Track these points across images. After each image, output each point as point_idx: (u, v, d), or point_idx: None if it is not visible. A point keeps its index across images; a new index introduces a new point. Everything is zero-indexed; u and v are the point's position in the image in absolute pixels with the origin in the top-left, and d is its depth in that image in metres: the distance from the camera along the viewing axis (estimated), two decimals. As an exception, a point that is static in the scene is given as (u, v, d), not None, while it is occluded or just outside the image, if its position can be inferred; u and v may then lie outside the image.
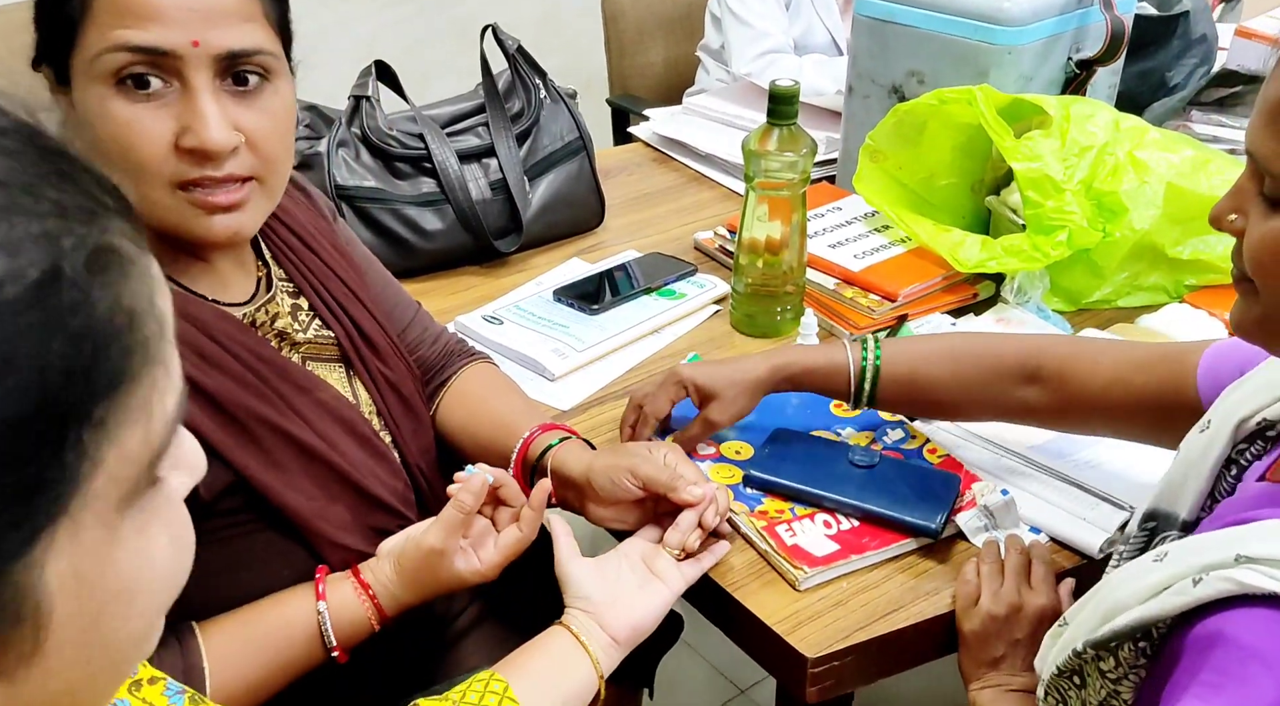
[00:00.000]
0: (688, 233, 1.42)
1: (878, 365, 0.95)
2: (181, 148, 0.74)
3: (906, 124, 1.28)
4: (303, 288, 0.91)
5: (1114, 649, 0.62)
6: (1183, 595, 0.58)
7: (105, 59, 0.72)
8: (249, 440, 0.79)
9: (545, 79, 1.39)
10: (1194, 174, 1.20)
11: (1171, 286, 1.25)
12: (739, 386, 0.96)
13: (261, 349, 0.83)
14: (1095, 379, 0.88)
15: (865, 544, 0.91)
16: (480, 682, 0.77)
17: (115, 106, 0.73)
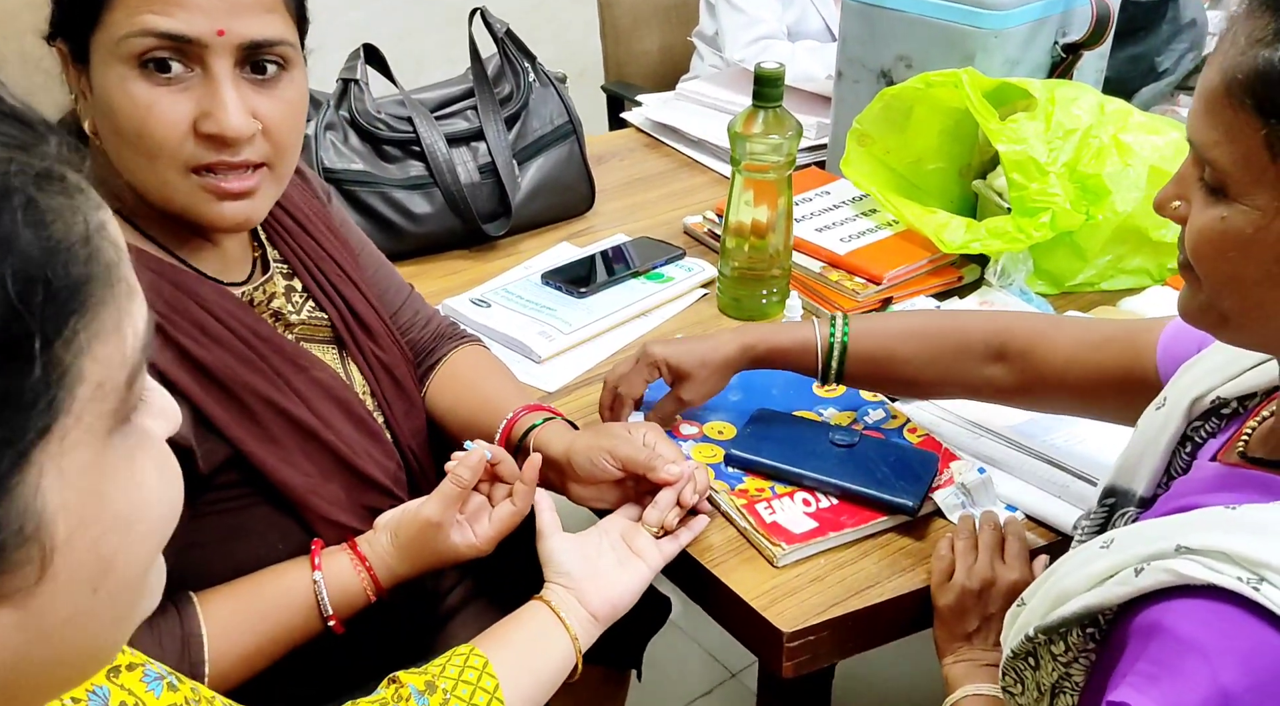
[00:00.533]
0: (678, 217, 1.43)
1: (844, 342, 0.96)
2: (200, 133, 0.76)
3: (893, 108, 1.28)
4: (297, 270, 0.92)
5: (1063, 634, 0.63)
6: (1125, 585, 0.59)
7: (130, 42, 0.73)
8: (247, 416, 0.80)
9: (535, 63, 1.40)
10: (1178, 157, 1.20)
11: (1155, 269, 1.26)
12: (710, 366, 0.97)
13: (259, 327, 0.84)
14: (1057, 356, 0.89)
15: (843, 521, 0.92)
16: (460, 657, 0.78)
17: (136, 88, 0.74)
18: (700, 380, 0.97)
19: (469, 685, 0.75)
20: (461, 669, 0.76)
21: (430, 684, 0.74)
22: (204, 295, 0.81)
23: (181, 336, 0.78)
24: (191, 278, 0.81)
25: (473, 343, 1.09)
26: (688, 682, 1.78)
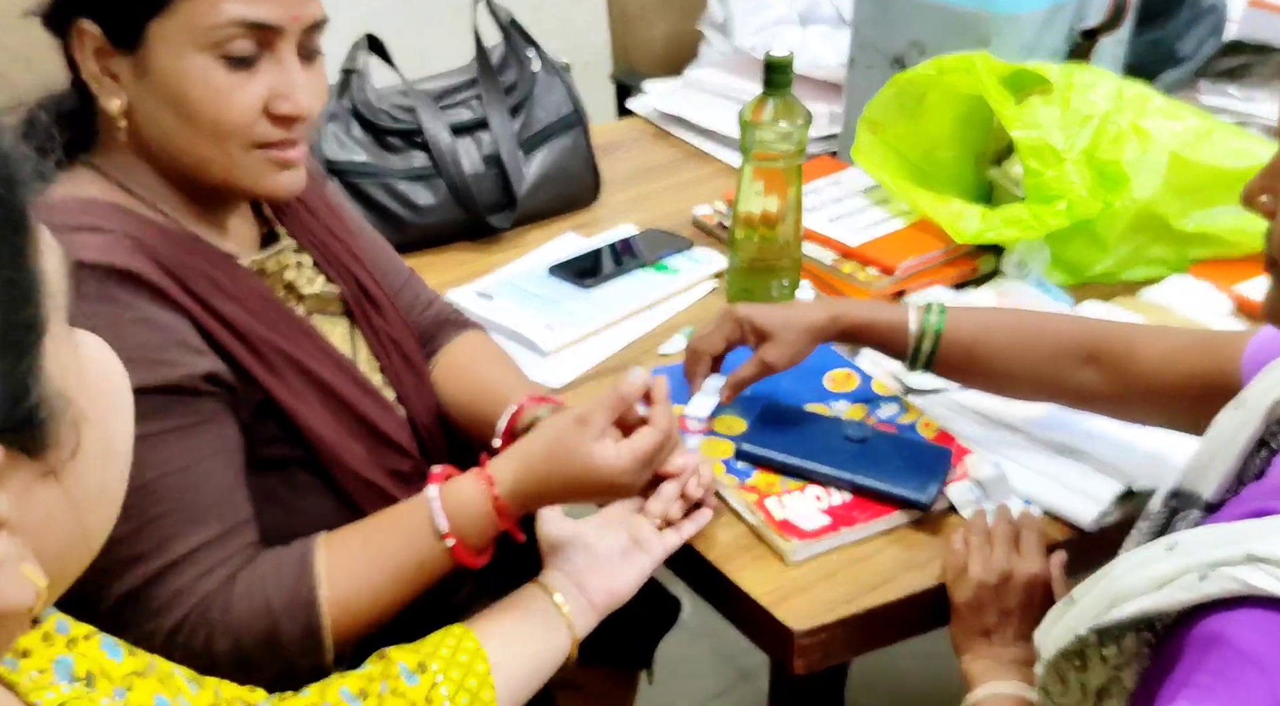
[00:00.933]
0: (686, 208, 1.41)
1: (939, 330, 0.93)
2: (273, 113, 0.79)
3: (906, 94, 1.26)
4: (305, 246, 0.92)
5: (1117, 637, 0.61)
6: (1189, 591, 0.57)
7: (214, 32, 0.75)
8: (270, 368, 0.82)
9: (539, 51, 1.38)
10: (1198, 144, 1.17)
11: (1175, 259, 1.23)
12: (796, 329, 0.94)
13: (269, 294, 0.86)
14: (1147, 363, 0.87)
15: (855, 517, 0.90)
16: (452, 638, 0.76)
17: (216, 76, 0.76)
18: (786, 342, 0.94)
19: (460, 667, 0.74)
20: (454, 650, 0.75)
21: (422, 664, 0.74)
22: (214, 260, 0.83)
23: (200, 289, 0.79)
24: (203, 246, 0.83)
25: (474, 329, 1.07)
26: (698, 683, 1.77)
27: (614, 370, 1.12)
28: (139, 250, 0.76)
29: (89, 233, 0.75)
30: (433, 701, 0.72)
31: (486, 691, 0.74)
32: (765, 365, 0.95)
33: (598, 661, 1.10)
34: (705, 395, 0.98)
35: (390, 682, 0.72)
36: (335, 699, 0.70)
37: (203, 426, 0.77)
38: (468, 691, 0.73)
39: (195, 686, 0.61)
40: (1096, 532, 0.90)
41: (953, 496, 0.91)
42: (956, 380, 0.99)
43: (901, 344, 0.94)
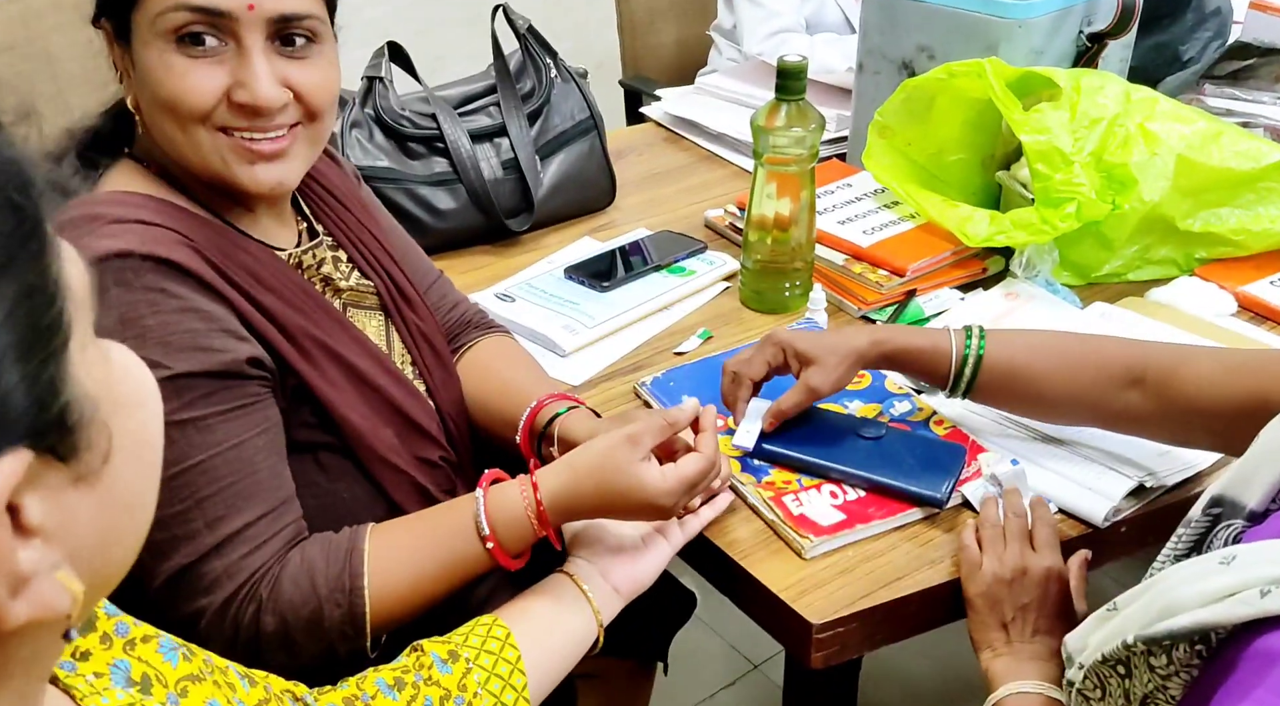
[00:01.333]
0: (699, 211, 1.43)
1: (980, 354, 0.92)
2: (233, 102, 0.79)
3: (915, 99, 1.28)
4: (342, 242, 0.95)
5: (1168, 647, 0.60)
6: (1249, 606, 0.56)
7: (166, 18, 0.77)
8: (306, 357, 0.84)
9: (556, 59, 1.40)
10: (1205, 146, 1.19)
11: (1182, 259, 1.25)
12: (839, 354, 0.93)
13: (307, 287, 0.88)
14: (1193, 383, 0.85)
15: (871, 514, 0.92)
16: (483, 627, 0.78)
17: (173, 60, 0.78)
18: (829, 367, 0.93)
19: (492, 655, 0.76)
20: (485, 639, 0.77)
21: (453, 653, 0.75)
22: (252, 251, 0.85)
23: (240, 280, 0.81)
24: (239, 237, 0.85)
25: (499, 332, 1.10)
26: (711, 674, 1.79)
27: (630, 370, 1.14)
28: (183, 242, 0.79)
29: (135, 225, 0.78)
30: (466, 688, 0.74)
31: (518, 677, 0.76)
32: (810, 390, 0.94)
33: (615, 652, 1.12)
34: (749, 422, 0.97)
35: (424, 672, 0.74)
36: (372, 690, 0.72)
37: (249, 408, 0.79)
38: (500, 678, 0.75)
39: (248, 683, 0.62)
40: (1109, 529, 0.92)
41: (968, 494, 0.93)
42: (995, 405, 0.97)
43: (942, 369, 0.93)
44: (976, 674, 0.85)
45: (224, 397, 0.77)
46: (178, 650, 0.57)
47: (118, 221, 0.77)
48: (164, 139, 0.82)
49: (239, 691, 0.61)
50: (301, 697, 0.69)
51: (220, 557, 0.77)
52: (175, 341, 0.75)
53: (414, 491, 0.90)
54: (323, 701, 0.70)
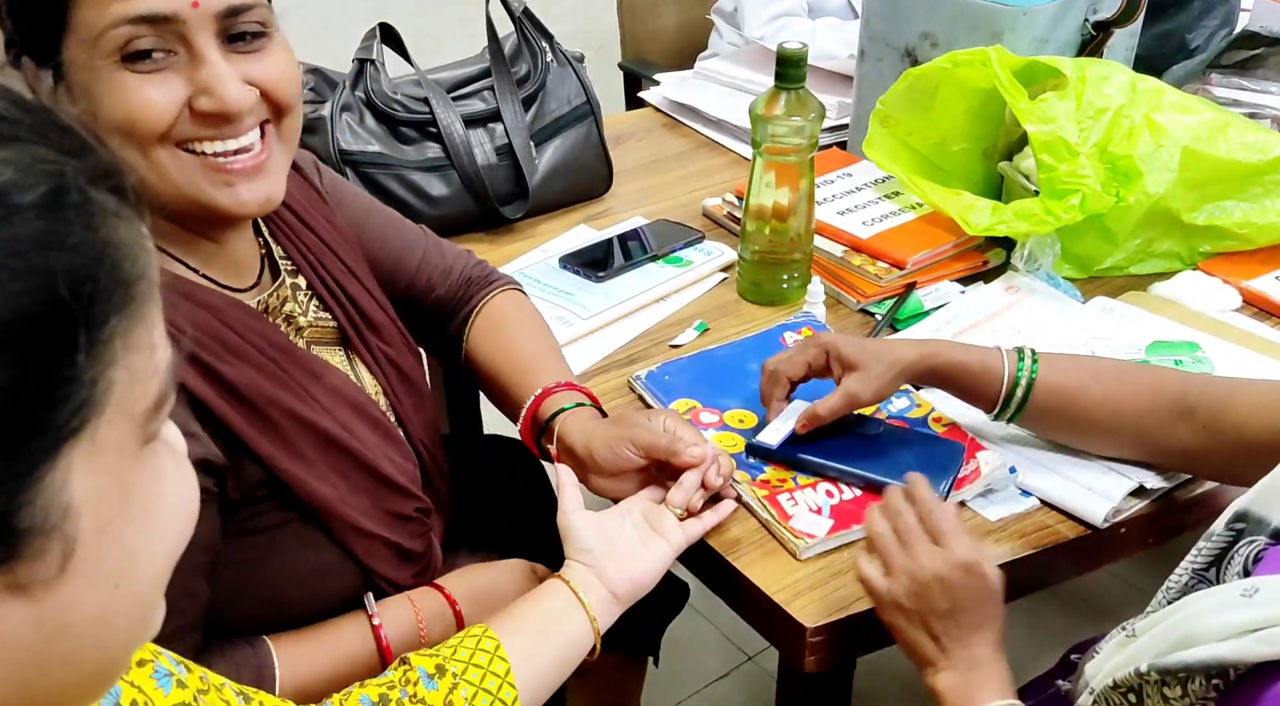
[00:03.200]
0: (697, 199, 1.41)
1: (1034, 375, 0.88)
2: (198, 112, 0.73)
3: (918, 88, 1.26)
4: (301, 266, 0.89)
5: (1184, 679, 0.59)
6: (1270, 645, 0.55)
7: (107, 38, 0.70)
8: (275, 433, 0.78)
9: (552, 42, 1.37)
10: (1211, 138, 1.17)
11: (1185, 253, 1.23)
12: (884, 363, 0.89)
13: (274, 336, 0.82)
14: (1243, 412, 0.83)
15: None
16: (472, 638, 0.77)
17: (123, 79, 0.71)
18: (874, 376, 0.89)
19: (479, 668, 0.74)
20: (473, 651, 0.75)
21: (440, 667, 0.74)
22: (221, 309, 0.79)
23: (207, 354, 0.76)
24: (205, 290, 0.79)
25: (507, 286, 1.06)
26: (704, 665, 1.78)
27: (625, 363, 1.12)
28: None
29: None
30: (453, 704, 0.72)
31: (507, 691, 0.74)
32: (850, 397, 0.90)
33: (606, 646, 1.11)
34: (781, 422, 0.94)
35: (410, 689, 0.72)
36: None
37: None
38: (488, 692, 0.73)
39: (243, 700, 0.61)
40: (1109, 530, 0.90)
41: (966, 494, 0.92)
42: (1041, 431, 0.94)
43: (992, 389, 0.89)
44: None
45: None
46: (171, 676, 0.55)
47: None
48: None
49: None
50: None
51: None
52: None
53: (387, 551, 0.86)
54: None
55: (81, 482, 0.36)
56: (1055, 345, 1.08)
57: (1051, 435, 0.94)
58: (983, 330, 1.14)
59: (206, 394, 0.74)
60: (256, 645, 0.80)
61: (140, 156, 0.73)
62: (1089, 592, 1.86)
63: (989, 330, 1.14)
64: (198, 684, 0.57)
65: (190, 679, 0.57)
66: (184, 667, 0.57)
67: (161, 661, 0.55)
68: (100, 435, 0.36)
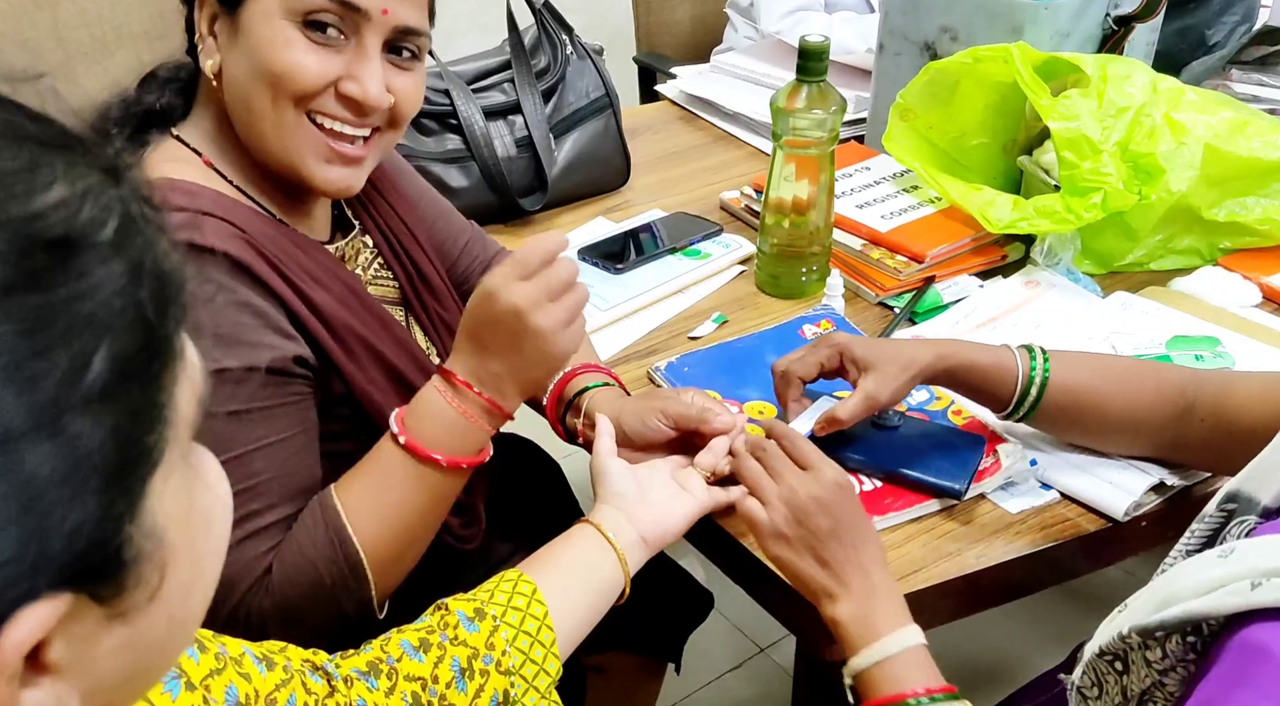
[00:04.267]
0: (714, 192, 1.41)
1: (1046, 374, 0.88)
2: (340, 93, 0.81)
3: (938, 83, 1.26)
4: (369, 227, 0.95)
5: (1161, 640, 0.59)
6: (1238, 596, 0.55)
7: (304, 2, 0.78)
8: (352, 356, 0.84)
9: (572, 35, 1.38)
10: (1232, 136, 1.17)
11: (1205, 249, 1.23)
12: (900, 363, 0.89)
13: (352, 281, 0.88)
14: (1243, 402, 0.84)
15: (888, 505, 0.91)
16: (509, 583, 0.77)
17: (294, 37, 0.79)
18: (889, 375, 0.88)
19: (518, 611, 0.75)
20: (510, 594, 0.76)
21: (479, 611, 0.74)
22: (307, 248, 0.85)
23: (293, 276, 0.81)
24: (289, 230, 0.85)
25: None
26: (717, 657, 1.79)
27: (644, 354, 1.13)
28: (238, 235, 0.78)
29: (194, 215, 0.77)
30: (494, 646, 0.73)
31: (546, 633, 0.75)
32: (869, 398, 0.89)
33: (627, 647, 1.12)
34: (800, 423, 0.93)
35: (450, 632, 0.73)
36: (397, 652, 0.71)
37: (290, 406, 0.79)
38: (527, 634, 0.74)
39: (265, 667, 0.62)
40: (1130, 523, 0.90)
41: (987, 490, 0.92)
42: (1052, 430, 0.94)
43: (1006, 388, 0.89)
44: (991, 662, 0.83)
45: (268, 394, 0.77)
46: (180, 678, 0.55)
47: (178, 210, 0.76)
48: (246, 114, 0.81)
49: (255, 679, 0.61)
50: (322, 666, 0.68)
51: (245, 549, 0.77)
52: (226, 335, 0.75)
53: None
54: (345, 666, 0.69)
55: (163, 502, 0.36)
56: (1075, 340, 1.09)
57: (1059, 433, 0.94)
58: (1001, 324, 1.15)
59: (299, 308, 0.80)
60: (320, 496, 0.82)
61: (270, 106, 0.80)
62: (1098, 587, 1.86)
63: (1008, 324, 1.14)
64: (211, 663, 0.58)
65: (205, 659, 0.57)
66: (197, 649, 0.57)
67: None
68: (172, 452, 0.36)
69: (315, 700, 0.64)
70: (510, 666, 0.73)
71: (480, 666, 0.72)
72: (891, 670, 0.74)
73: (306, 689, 0.64)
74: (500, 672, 0.72)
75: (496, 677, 0.72)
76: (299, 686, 0.63)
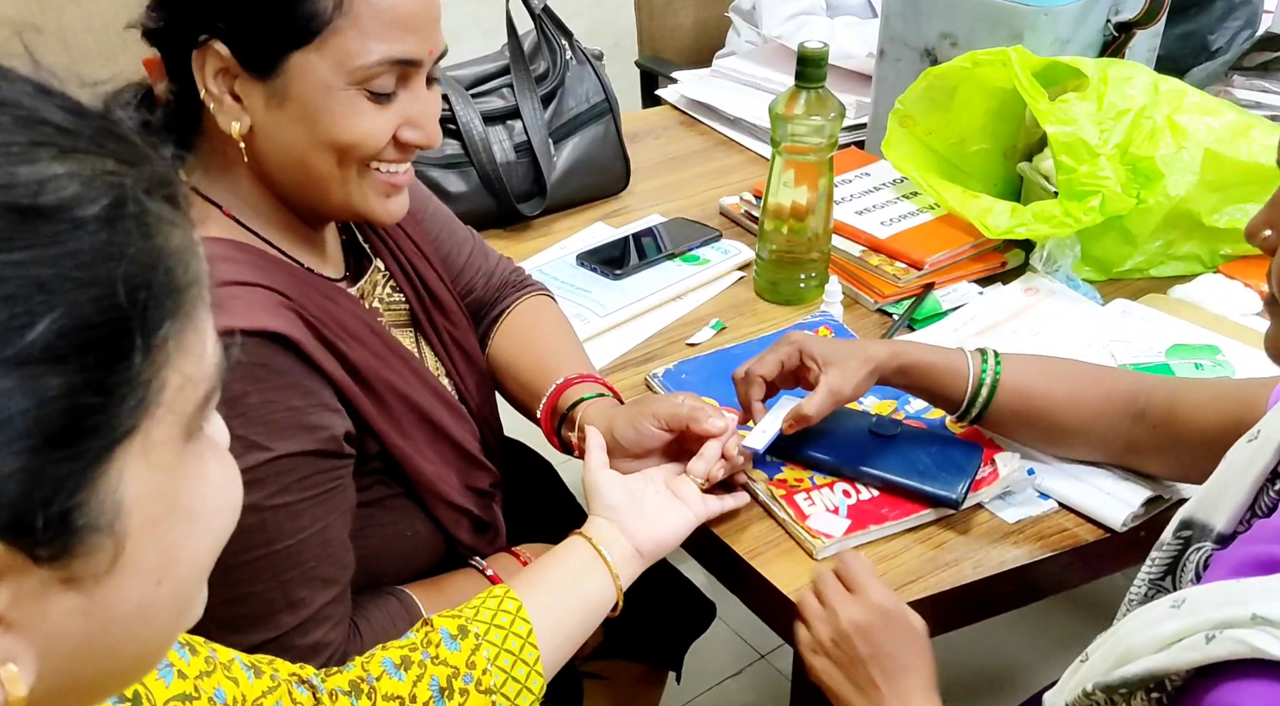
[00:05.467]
0: (714, 197, 1.41)
1: (997, 376, 0.89)
2: (401, 140, 0.80)
3: (937, 88, 1.25)
4: (378, 249, 0.93)
5: (1125, 696, 0.60)
6: (1194, 651, 0.56)
7: (364, 71, 0.75)
8: (387, 412, 0.83)
9: (571, 40, 1.37)
10: (1234, 140, 1.16)
11: (1206, 255, 1.23)
12: (859, 358, 0.89)
13: (372, 321, 0.86)
14: (1188, 411, 0.85)
15: (884, 514, 0.90)
16: (494, 599, 0.77)
17: (362, 107, 0.77)
18: (850, 369, 0.89)
19: (501, 629, 0.75)
20: (495, 612, 0.76)
21: (463, 628, 0.74)
22: (333, 296, 0.83)
23: (333, 337, 0.79)
24: (318, 280, 0.83)
25: (538, 292, 1.08)
26: (717, 663, 1.78)
27: (642, 361, 1.12)
28: (282, 304, 0.76)
29: (236, 288, 0.74)
30: (475, 665, 0.73)
31: (529, 652, 0.75)
32: (832, 393, 0.89)
33: (628, 656, 1.11)
34: (766, 423, 0.92)
35: (431, 650, 0.73)
36: (378, 670, 0.71)
37: (335, 491, 0.78)
38: (510, 653, 0.74)
39: (253, 674, 0.62)
40: (1127, 532, 0.90)
41: (984, 499, 0.91)
42: (1003, 432, 0.94)
43: (957, 389, 0.90)
44: (993, 672, 0.83)
45: (317, 481, 0.76)
46: (173, 668, 0.56)
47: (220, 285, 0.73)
48: (301, 176, 0.78)
49: (243, 684, 0.61)
50: (308, 680, 0.68)
51: (303, 635, 0.77)
52: (279, 420, 0.73)
53: (468, 521, 0.92)
54: (330, 684, 0.69)
55: (133, 481, 0.37)
56: (1074, 347, 1.08)
57: (1012, 436, 0.94)
58: (1001, 331, 1.14)
59: (339, 375, 0.79)
60: (401, 596, 0.87)
61: (336, 169, 0.79)
62: (1098, 596, 1.85)
63: (1007, 331, 1.14)
64: (201, 666, 0.58)
65: (195, 660, 0.58)
66: (188, 651, 0.58)
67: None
68: (152, 435, 0.37)
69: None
70: (491, 685, 0.72)
71: (460, 685, 0.72)
72: None
73: (293, 698, 0.64)
74: (480, 691, 0.72)
75: (476, 697, 0.72)
76: (285, 695, 0.63)
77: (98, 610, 0.37)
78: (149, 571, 0.38)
